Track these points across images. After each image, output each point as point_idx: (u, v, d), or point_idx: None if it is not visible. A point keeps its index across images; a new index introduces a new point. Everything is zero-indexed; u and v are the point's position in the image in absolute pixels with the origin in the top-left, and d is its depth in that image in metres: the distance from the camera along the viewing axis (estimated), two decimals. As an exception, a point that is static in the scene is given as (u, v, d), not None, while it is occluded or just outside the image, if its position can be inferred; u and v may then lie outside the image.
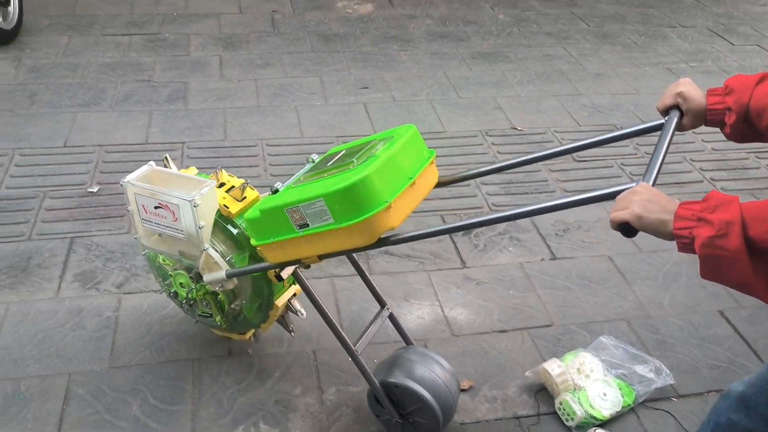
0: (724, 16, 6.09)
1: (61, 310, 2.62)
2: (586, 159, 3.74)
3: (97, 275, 2.80)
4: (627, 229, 1.27)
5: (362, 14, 5.62)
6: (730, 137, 1.59)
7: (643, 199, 1.24)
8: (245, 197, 2.16)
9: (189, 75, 4.44)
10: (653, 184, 1.34)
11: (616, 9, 6.08)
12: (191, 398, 2.31)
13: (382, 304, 2.30)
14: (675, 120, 1.59)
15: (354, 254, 2.25)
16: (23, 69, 4.37)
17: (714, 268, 1.15)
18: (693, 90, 1.60)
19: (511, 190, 3.48)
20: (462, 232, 3.16)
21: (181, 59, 4.65)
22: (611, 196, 1.36)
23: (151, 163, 2.17)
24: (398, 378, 2.07)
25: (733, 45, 5.50)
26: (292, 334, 2.40)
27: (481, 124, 4.10)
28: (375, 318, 2.24)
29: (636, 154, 3.84)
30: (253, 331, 2.44)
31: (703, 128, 4.06)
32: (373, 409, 2.22)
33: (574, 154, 3.78)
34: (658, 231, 1.22)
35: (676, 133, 1.58)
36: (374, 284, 2.31)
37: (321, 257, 1.82)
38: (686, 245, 1.17)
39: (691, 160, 3.81)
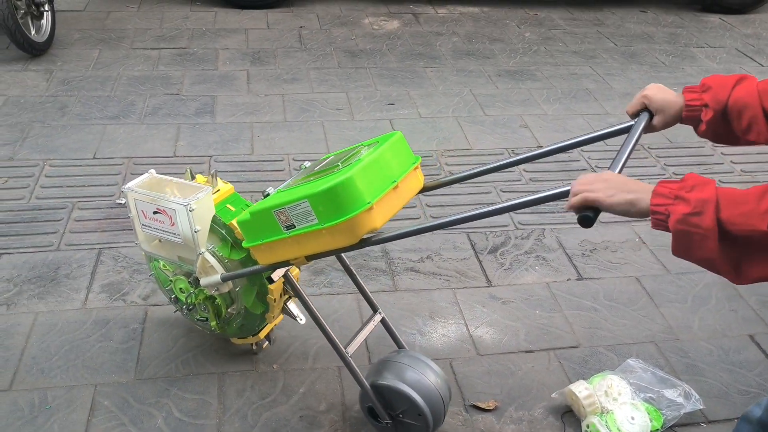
0: (752, 36, 6.04)
1: (88, 321, 2.64)
2: (613, 179, 3.71)
3: (124, 287, 2.82)
4: (586, 218, 1.31)
5: (388, 31, 5.64)
6: (705, 135, 1.63)
7: (613, 183, 1.30)
8: (218, 189, 2.23)
9: (217, 89, 4.49)
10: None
11: (643, 28, 6.05)
12: (216, 413, 2.31)
13: (374, 309, 2.33)
14: (644, 121, 1.66)
15: (345, 258, 2.32)
16: (54, 81, 4.44)
17: (685, 244, 1.19)
18: (662, 91, 1.66)
19: (537, 209, 3.46)
20: (488, 251, 3.14)
21: (209, 73, 4.70)
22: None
23: (152, 170, 2.25)
24: (388, 380, 2.09)
25: (762, 66, 5.44)
26: (301, 321, 2.39)
27: (507, 142, 4.09)
28: (367, 322, 2.28)
29: (664, 174, 3.80)
30: (268, 329, 2.44)
31: (733, 150, 4.00)
32: (366, 415, 2.24)
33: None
34: (628, 211, 1.27)
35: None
36: (366, 289, 2.34)
37: (308, 258, 1.87)
38: (660, 221, 1.21)
39: (720, 181, 3.76)
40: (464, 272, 3.02)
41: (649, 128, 1.67)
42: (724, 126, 1.58)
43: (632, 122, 1.69)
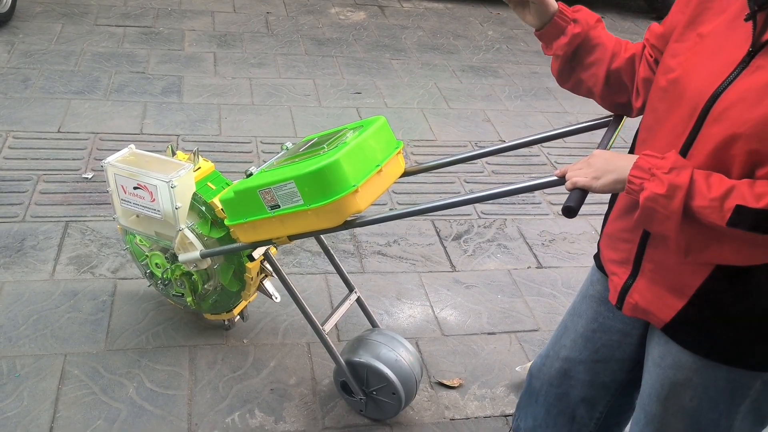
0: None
1: (56, 292, 2.63)
2: (571, 174, 3.86)
3: (92, 260, 2.82)
4: (568, 209, 1.31)
5: (355, 21, 5.69)
6: (559, 49, 1.55)
7: (597, 165, 1.33)
8: (199, 167, 2.26)
9: (183, 69, 4.47)
10: None
11: (600, 33, 6.23)
12: (188, 383, 2.34)
13: (350, 288, 2.40)
14: (621, 119, 1.66)
15: (324, 238, 2.38)
16: (16, 53, 4.36)
17: (648, 219, 1.26)
18: None
19: (499, 200, 3.57)
20: (452, 238, 3.24)
21: (175, 54, 4.67)
22: (560, 183, 1.43)
23: (131, 146, 2.27)
24: (365, 358, 2.16)
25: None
26: (276, 299, 2.44)
27: (470, 135, 4.20)
28: (343, 300, 2.35)
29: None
30: (242, 307, 2.49)
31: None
32: (338, 389, 2.30)
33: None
34: (618, 189, 1.30)
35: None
36: (343, 269, 2.40)
37: (291, 238, 1.90)
38: (633, 191, 1.26)
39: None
40: (429, 257, 3.11)
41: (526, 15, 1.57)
42: (576, 53, 1.55)
43: (610, 117, 1.75)
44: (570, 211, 1.32)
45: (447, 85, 4.78)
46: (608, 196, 1.58)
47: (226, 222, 2.01)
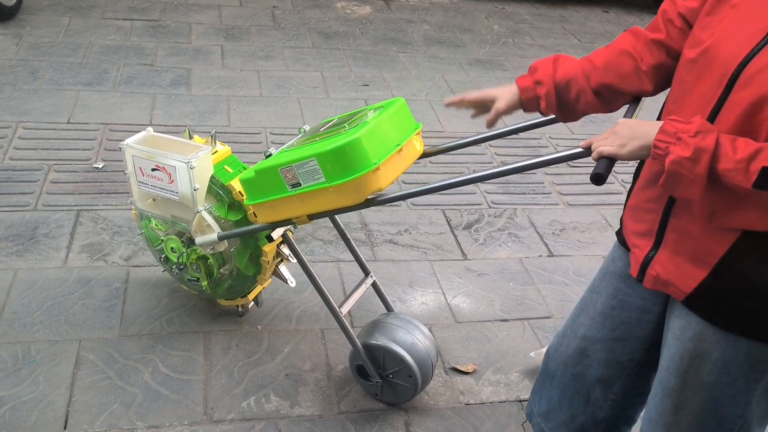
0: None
1: (70, 279, 2.64)
2: (580, 165, 3.86)
3: (105, 247, 2.82)
4: (598, 176, 1.33)
5: (361, 15, 5.69)
6: (549, 111, 1.67)
7: (623, 133, 1.34)
8: (216, 150, 2.25)
9: (191, 62, 4.47)
10: None
11: (605, 27, 6.24)
12: (203, 369, 2.34)
13: (366, 272, 2.39)
14: (639, 104, 1.66)
15: (341, 223, 2.38)
16: (24, 46, 4.36)
17: (674, 183, 1.26)
18: (496, 89, 1.74)
19: (509, 190, 3.57)
20: (463, 227, 3.24)
21: (182, 46, 4.67)
22: (587, 154, 1.44)
23: (149, 128, 2.27)
24: (380, 340, 2.16)
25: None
26: (291, 284, 2.44)
27: (478, 126, 4.17)
28: (359, 285, 2.34)
29: (633, 163, 3.96)
30: (257, 292, 2.49)
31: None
32: (353, 373, 2.30)
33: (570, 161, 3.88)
34: (644, 155, 1.31)
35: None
36: (359, 253, 2.40)
37: (311, 217, 1.90)
38: (659, 156, 1.27)
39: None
40: (441, 246, 3.11)
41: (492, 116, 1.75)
42: (559, 101, 1.62)
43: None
44: (599, 178, 1.34)
45: (454, 78, 4.78)
46: (619, 186, 1.59)
47: (245, 202, 2.01)
